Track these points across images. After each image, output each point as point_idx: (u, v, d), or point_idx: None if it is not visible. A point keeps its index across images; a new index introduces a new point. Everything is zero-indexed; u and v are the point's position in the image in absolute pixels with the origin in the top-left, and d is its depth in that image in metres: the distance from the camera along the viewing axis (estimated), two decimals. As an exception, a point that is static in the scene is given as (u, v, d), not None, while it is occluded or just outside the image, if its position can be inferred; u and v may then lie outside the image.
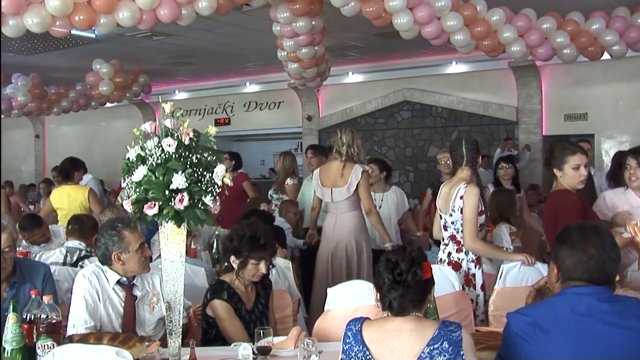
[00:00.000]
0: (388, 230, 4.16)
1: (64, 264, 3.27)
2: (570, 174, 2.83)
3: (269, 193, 5.37)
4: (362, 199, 3.79)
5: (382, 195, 4.64)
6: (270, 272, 2.60)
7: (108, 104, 8.84)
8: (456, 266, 3.02)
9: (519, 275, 2.87)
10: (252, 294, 2.55)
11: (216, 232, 4.02)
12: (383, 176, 4.72)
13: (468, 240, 2.91)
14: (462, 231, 2.96)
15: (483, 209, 2.99)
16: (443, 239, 3.13)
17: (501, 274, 2.89)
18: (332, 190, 3.90)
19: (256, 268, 2.48)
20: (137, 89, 8.39)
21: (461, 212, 2.93)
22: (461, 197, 2.93)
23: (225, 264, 2.57)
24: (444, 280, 2.75)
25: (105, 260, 2.41)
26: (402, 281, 1.73)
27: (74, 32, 4.96)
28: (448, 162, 4.92)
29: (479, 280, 3.02)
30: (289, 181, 5.13)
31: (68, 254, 3.32)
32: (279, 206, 4.77)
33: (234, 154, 5.88)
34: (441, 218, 3.10)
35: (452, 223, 3.02)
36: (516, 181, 4.92)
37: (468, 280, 3.01)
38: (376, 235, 4.07)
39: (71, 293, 2.39)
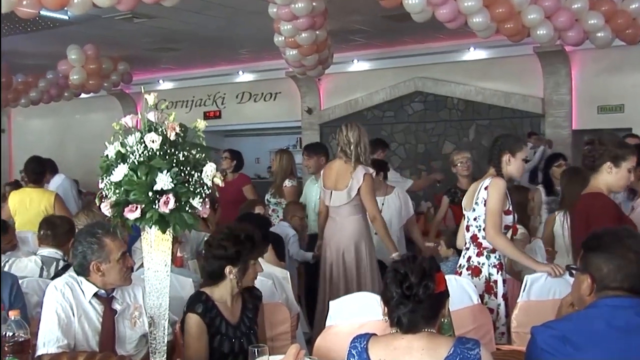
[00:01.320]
0: None
1: (41, 277, 3.21)
2: (623, 175, 2.84)
3: (266, 197, 5.35)
4: (366, 206, 3.80)
5: (383, 199, 4.66)
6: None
7: (83, 95, 8.85)
8: (476, 271, 3.04)
9: (545, 287, 2.88)
10: (237, 306, 2.56)
11: (205, 239, 4.02)
12: (381, 177, 4.73)
13: (490, 231, 2.94)
14: (484, 229, 2.98)
15: (510, 208, 3.01)
16: (465, 243, 3.15)
17: (525, 285, 2.90)
18: (331, 192, 3.92)
19: (255, 268, 2.52)
20: (116, 78, 8.40)
21: (485, 205, 2.95)
22: (486, 188, 2.96)
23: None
24: (461, 292, 2.76)
25: (82, 271, 2.40)
26: (412, 295, 1.74)
27: (43, 12, 4.97)
28: (468, 163, 4.95)
29: (500, 288, 3.03)
30: (287, 183, 5.13)
31: (44, 266, 3.26)
32: (284, 209, 4.77)
33: (235, 153, 5.76)
34: (464, 217, 3.13)
35: (475, 219, 3.05)
36: None
37: (489, 288, 3.02)
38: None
39: (41, 307, 2.39)
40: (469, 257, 3.10)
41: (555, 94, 8.03)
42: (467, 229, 3.12)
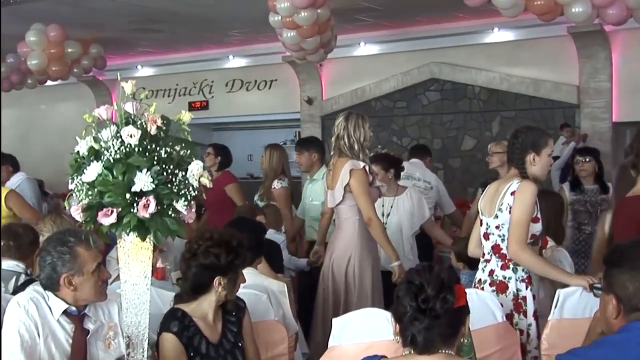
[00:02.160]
0: (399, 246, 4.21)
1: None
2: None
3: (255, 199, 5.35)
4: (359, 205, 3.82)
5: (393, 199, 4.64)
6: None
7: (50, 83, 8.87)
8: (502, 287, 3.04)
9: (581, 304, 2.88)
10: (218, 321, 2.57)
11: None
12: (391, 175, 4.72)
13: (513, 246, 2.93)
14: (508, 239, 2.98)
15: (539, 215, 3.01)
16: (483, 254, 3.15)
17: (557, 301, 2.90)
18: (327, 192, 3.98)
19: (242, 278, 2.56)
20: (87, 63, 8.40)
21: (510, 213, 2.95)
22: (512, 193, 2.96)
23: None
24: (483, 309, 2.77)
25: (51, 285, 2.39)
26: (429, 310, 1.74)
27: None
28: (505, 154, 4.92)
29: (530, 306, 3.03)
30: (276, 184, 5.11)
31: (2, 281, 3.26)
32: (266, 213, 4.78)
33: (220, 148, 5.69)
34: (482, 224, 3.13)
35: (497, 228, 3.04)
36: (600, 179, 4.92)
37: (517, 306, 3.02)
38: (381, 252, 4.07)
39: (0, 327, 2.39)
40: (492, 271, 3.09)
41: (593, 81, 8.04)
42: (486, 237, 3.11)
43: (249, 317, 2.68)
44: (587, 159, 4.92)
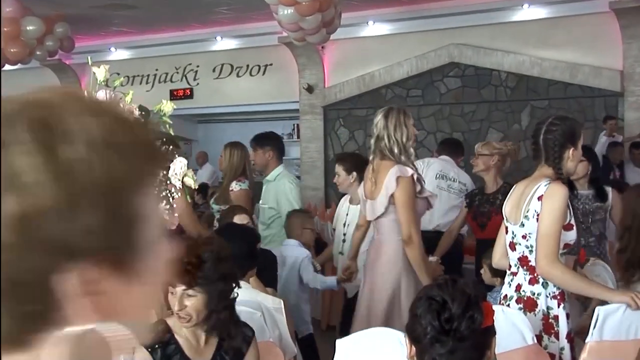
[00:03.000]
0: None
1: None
2: None
3: (210, 202, 5.44)
4: (400, 218, 3.77)
5: (356, 208, 4.74)
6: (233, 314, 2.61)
7: (7, 67, 8.88)
8: (530, 304, 3.04)
9: (624, 324, 2.88)
10: (211, 343, 2.57)
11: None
12: (353, 179, 4.83)
13: (542, 261, 2.93)
14: (536, 252, 2.98)
15: (572, 221, 3.01)
16: (509, 266, 3.15)
17: (596, 320, 2.90)
18: (366, 202, 3.93)
19: (172, 299, 2.50)
20: (52, 45, 8.40)
21: (538, 221, 2.95)
22: (539, 198, 2.95)
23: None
24: (511, 329, 2.77)
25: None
26: (453, 331, 1.74)
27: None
28: (494, 157, 5.00)
29: (563, 326, 3.03)
30: (234, 186, 5.13)
31: None
32: (288, 221, 4.78)
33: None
34: (507, 232, 3.13)
35: (524, 237, 3.04)
36: (596, 182, 4.91)
37: (548, 326, 3.03)
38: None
39: None
40: (519, 285, 3.09)
41: (639, 65, 8.03)
42: (512, 247, 3.11)
43: (256, 351, 2.67)
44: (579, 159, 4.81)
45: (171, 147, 2.22)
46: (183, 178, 2.16)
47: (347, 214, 4.94)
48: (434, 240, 4.83)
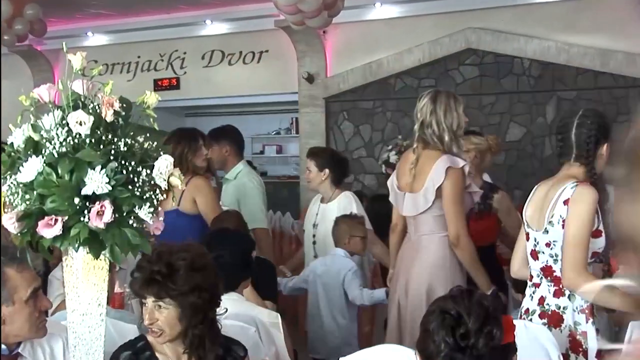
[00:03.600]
0: None
1: None
2: None
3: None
4: (447, 215, 3.73)
5: (326, 206, 4.89)
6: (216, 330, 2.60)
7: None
8: (555, 319, 3.04)
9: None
10: None
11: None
12: (325, 176, 4.94)
13: (569, 273, 2.93)
14: (562, 262, 2.98)
15: (601, 227, 3.01)
16: (531, 276, 3.15)
17: (630, 336, 2.91)
18: (405, 196, 3.87)
19: (145, 311, 2.50)
20: (21, 28, 8.37)
21: (564, 228, 2.95)
22: (565, 202, 2.95)
23: None
24: (534, 346, 2.78)
25: (-29, 317, 2.41)
26: (470, 348, 1.75)
27: None
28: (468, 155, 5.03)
29: (592, 344, 3.03)
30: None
31: None
32: (335, 228, 4.77)
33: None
34: (528, 239, 3.13)
35: (548, 245, 3.04)
36: None
37: (575, 344, 3.03)
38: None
39: None
40: (542, 298, 3.09)
41: (678, 51, 8.02)
42: (534, 256, 3.11)
43: None
44: None
45: (155, 143, 2.21)
46: (169, 178, 2.16)
47: (316, 214, 5.00)
48: None
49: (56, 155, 2.06)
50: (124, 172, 2.09)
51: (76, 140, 2.08)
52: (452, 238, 3.71)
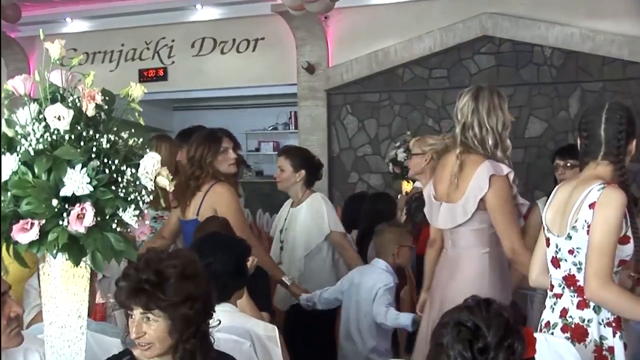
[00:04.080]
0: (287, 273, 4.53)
1: None
2: None
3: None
4: (497, 228, 3.69)
5: (295, 210, 4.97)
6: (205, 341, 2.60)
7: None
8: (579, 334, 3.04)
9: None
10: None
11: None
12: (299, 178, 5.03)
13: (593, 282, 2.92)
14: (585, 270, 2.98)
15: (629, 232, 3.01)
16: (552, 286, 3.15)
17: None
18: (440, 206, 3.82)
19: (131, 324, 2.50)
20: (-7, 15, 8.39)
21: (589, 234, 2.95)
22: (591, 206, 2.95)
23: None
24: (556, 362, 2.77)
25: None
26: (489, 363, 1.75)
27: None
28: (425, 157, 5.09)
29: None
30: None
31: None
32: (377, 236, 4.76)
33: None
34: (549, 245, 3.12)
35: (571, 252, 3.03)
36: None
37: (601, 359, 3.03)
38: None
39: None
40: (564, 310, 3.08)
41: None
42: (556, 264, 3.10)
43: None
44: (569, 163, 4.79)
45: (141, 139, 2.21)
46: (156, 178, 2.16)
47: (285, 218, 5.07)
48: None
49: (32, 153, 2.07)
50: (107, 171, 2.09)
51: (54, 137, 2.08)
52: (509, 251, 3.63)
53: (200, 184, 4.56)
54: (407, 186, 6.88)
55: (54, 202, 2.05)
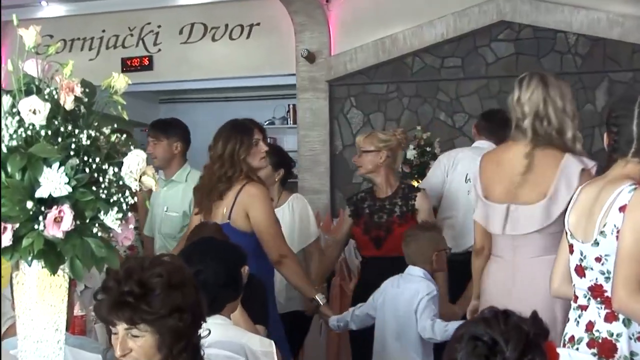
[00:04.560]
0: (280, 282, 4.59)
1: None
2: None
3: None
4: None
5: (276, 211, 4.93)
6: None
7: None
8: (607, 349, 3.04)
9: None
10: None
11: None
12: (278, 177, 5.23)
13: (621, 291, 2.92)
14: (613, 280, 2.98)
15: None
16: (576, 297, 3.15)
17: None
18: (507, 209, 3.78)
19: (115, 341, 2.50)
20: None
21: (619, 238, 2.95)
22: (621, 209, 2.95)
23: None
24: (582, 380, 2.77)
25: None
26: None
27: None
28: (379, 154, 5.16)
29: (653, 377, 3.03)
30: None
31: None
32: (416, 243, 4.67)
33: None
34: (572, 251, 3.12)
35: (598, 260, 3.03)
36: None
37: (632, 377, 3.03)
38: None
39: None
40: (590, 324, 3.08)
41: None
42: (580, 272, 3.10)
43: None
44: None
45: (124, 136, 2.21)
46: (141, 177, 2.16)
47: None
48: (468, 264, 4.80)
49: (5, 151, 2.07)
50: (87, 170, 2.09)
51: (29, 132, 2.08)
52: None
53: (230, 184, 4.50)
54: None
55: (29, 204, 2.05)
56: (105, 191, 2.10)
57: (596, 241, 3.01)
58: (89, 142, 2.11)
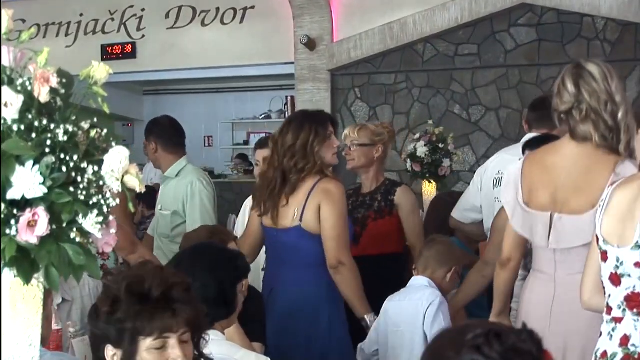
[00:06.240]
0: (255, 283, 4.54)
1: None
2: None
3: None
4: None
5: None
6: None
7: None
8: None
9: None
10: None
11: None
12: None
13: None
14: None
15: None
16: (609, 308, 3.15)
17: None
18: (551, 218, 3.74)
19: (161, 357, 2.54)
20: None
21: None
22: None
23: None
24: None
25: None
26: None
27: None
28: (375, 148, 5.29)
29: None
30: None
31: None
32: (433, 248, 4.58)
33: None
34: (606, 259, 3.13)
35: (638, 266, 3.04)
36: None
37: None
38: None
39: None
40: (625, 337, 3.08)
41: None
42: (615, 281, 3.10)
43: None
44: None
45: (105, 131, 2.21)
46: (123, 177, 2.16)
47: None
48: None
49: (-25, 148, 2.07)
50: (64, 169, 2.09)
51: (1, 127, 2.09)
52: None
53: (301, 180, 4.43)
54: (428, 186, 6.86)
55: (1, 207, 2.06)
56: (84, 192, 2.10)
57: (637, 244, 3.01)
58: (66, 138, 2.11)
